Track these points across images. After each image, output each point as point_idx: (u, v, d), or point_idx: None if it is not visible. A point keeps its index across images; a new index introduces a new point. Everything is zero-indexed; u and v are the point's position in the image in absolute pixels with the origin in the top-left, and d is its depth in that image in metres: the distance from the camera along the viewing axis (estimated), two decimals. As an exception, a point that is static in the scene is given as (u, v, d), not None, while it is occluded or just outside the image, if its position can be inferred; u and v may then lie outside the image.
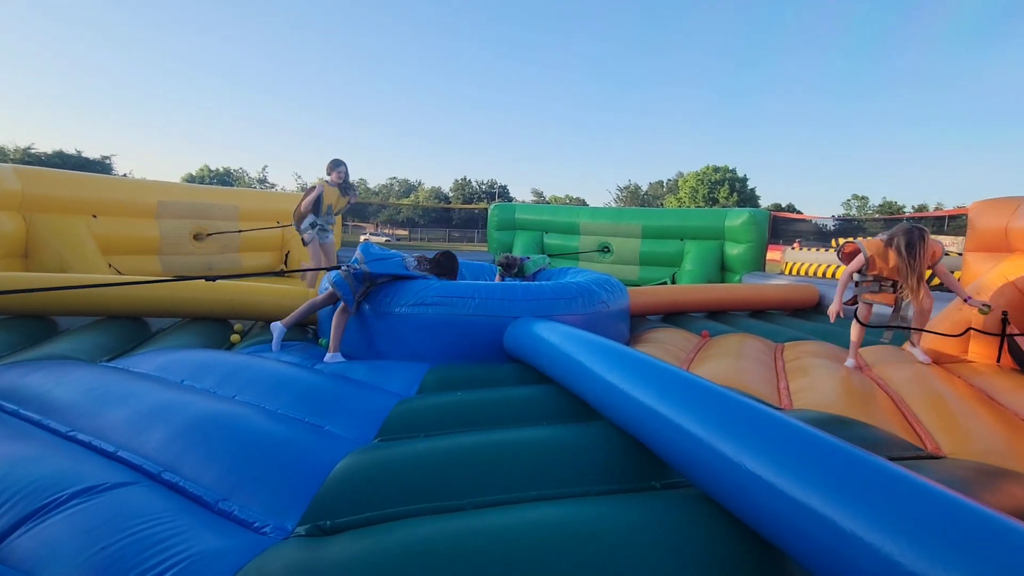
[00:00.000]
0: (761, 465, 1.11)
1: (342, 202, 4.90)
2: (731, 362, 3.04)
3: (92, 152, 38.76)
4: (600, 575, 1.05)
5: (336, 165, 4.81)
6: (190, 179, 45.77)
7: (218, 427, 1.63)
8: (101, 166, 37.15)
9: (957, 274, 4.36)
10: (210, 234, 6.47)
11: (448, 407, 1.97)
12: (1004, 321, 3.06)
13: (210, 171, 48.83)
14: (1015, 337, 2.98)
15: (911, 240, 2.84)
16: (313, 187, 4.75)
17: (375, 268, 2.98)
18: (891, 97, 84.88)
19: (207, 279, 3.11)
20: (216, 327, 3.54)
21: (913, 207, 43.64)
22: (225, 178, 48.27)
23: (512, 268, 4.27)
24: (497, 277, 4.35)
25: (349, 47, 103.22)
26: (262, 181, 51.48)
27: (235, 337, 3.39)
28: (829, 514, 0.96)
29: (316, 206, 4.71)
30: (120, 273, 5.14)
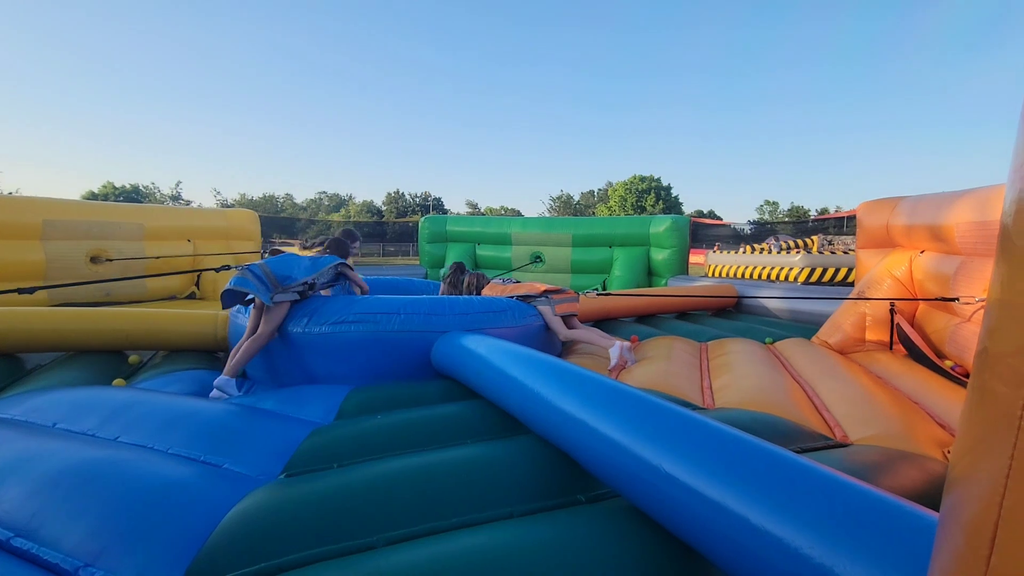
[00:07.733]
0: (677, 467, 1.10)
1: None
2: (660, 365, 3.10)
3: (-30, 168, 34.33)
4: (519, 606, 0.98)
5: None
6: (91, 197, 41.79)
7: (88, 477, 1.41)
8: (-18, 182, 32.98)
9: (854, 274, 4.72)
10: (111, 259, 5.86)
11: (366, 432, 1.83)
12: (892, 311, 3.35)
13: (115, 188, 44.81)
14: (902, 325, 3.27)
15: None
16: None
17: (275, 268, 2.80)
18: (796, 110, 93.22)
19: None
20: (107, 360, 3.15)
21: (816, 210, 47.92)
22: (133, 195, 44.53)
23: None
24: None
25: (271, 55, 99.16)
26: (176, 198, 48.03)
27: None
28: (742, 512, 0.96)
29: None
30: (-8, 304, 4.50)
